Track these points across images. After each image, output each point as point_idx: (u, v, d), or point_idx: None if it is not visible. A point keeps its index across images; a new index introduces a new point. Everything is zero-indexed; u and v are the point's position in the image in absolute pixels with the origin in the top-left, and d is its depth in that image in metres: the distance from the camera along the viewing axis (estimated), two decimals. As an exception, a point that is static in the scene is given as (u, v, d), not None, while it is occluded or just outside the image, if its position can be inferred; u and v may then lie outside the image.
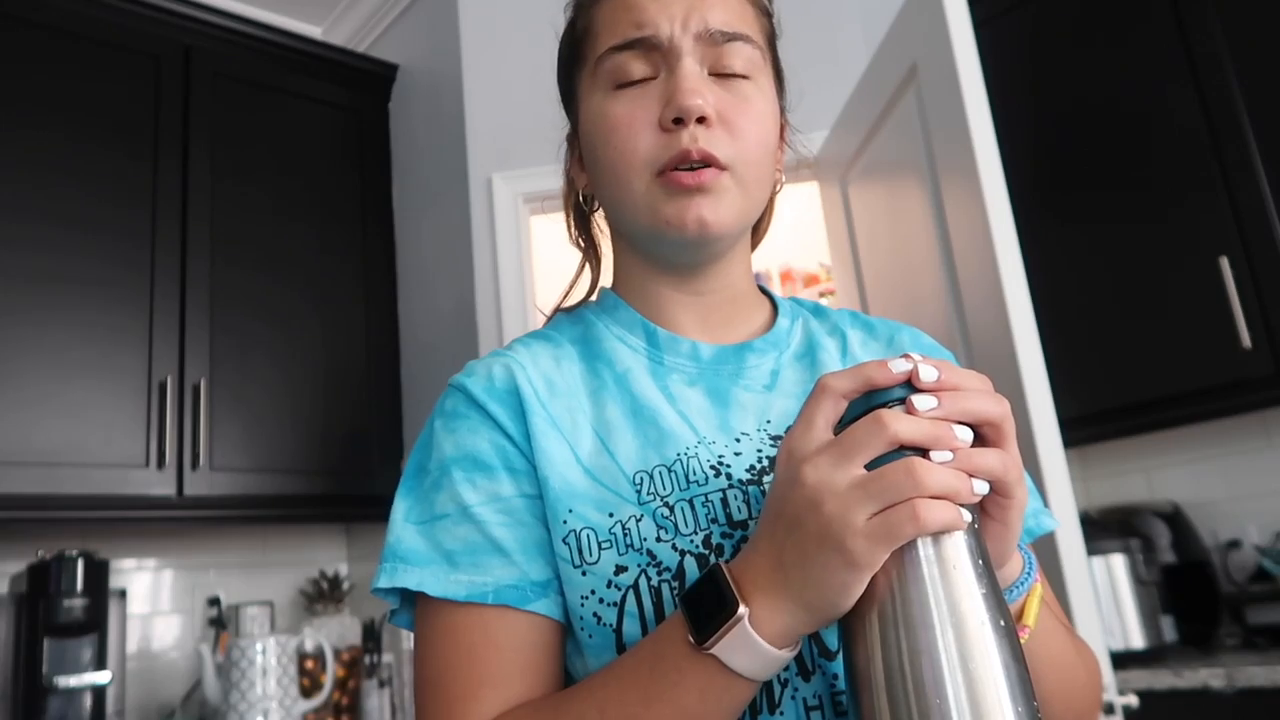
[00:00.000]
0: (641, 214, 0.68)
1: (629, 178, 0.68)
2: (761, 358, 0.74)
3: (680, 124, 0.65)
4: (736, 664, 0.51)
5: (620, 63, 0.68)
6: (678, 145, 0.65)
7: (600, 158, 0.70)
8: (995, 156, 1.66)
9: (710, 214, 0.66)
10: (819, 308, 0.82)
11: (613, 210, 0.73)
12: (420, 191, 2.79)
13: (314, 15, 3.16)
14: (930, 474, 0.47)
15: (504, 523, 0.64)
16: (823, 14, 2.52)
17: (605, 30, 0.70)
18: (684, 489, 0.64)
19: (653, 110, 0.67)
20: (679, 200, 0.66)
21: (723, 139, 0.66)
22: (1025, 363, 1.55)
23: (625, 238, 0.75)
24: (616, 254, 0.78)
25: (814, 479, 0.49)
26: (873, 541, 0.47)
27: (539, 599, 0.63)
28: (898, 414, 0.49)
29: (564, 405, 0.68)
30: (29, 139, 2.22)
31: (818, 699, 0.61)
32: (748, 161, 0.68)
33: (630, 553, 0.62)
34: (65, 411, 2.14)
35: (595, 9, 0.72)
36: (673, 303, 0.74)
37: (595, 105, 0.70)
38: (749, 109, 0.68)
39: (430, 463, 0.68)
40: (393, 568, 0.64)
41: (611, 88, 0.69)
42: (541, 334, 0.76)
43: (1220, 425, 2.35)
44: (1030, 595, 0.60)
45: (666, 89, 0.67)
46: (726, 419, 0.69)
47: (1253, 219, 2.04)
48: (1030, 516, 0.73)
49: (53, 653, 1.99)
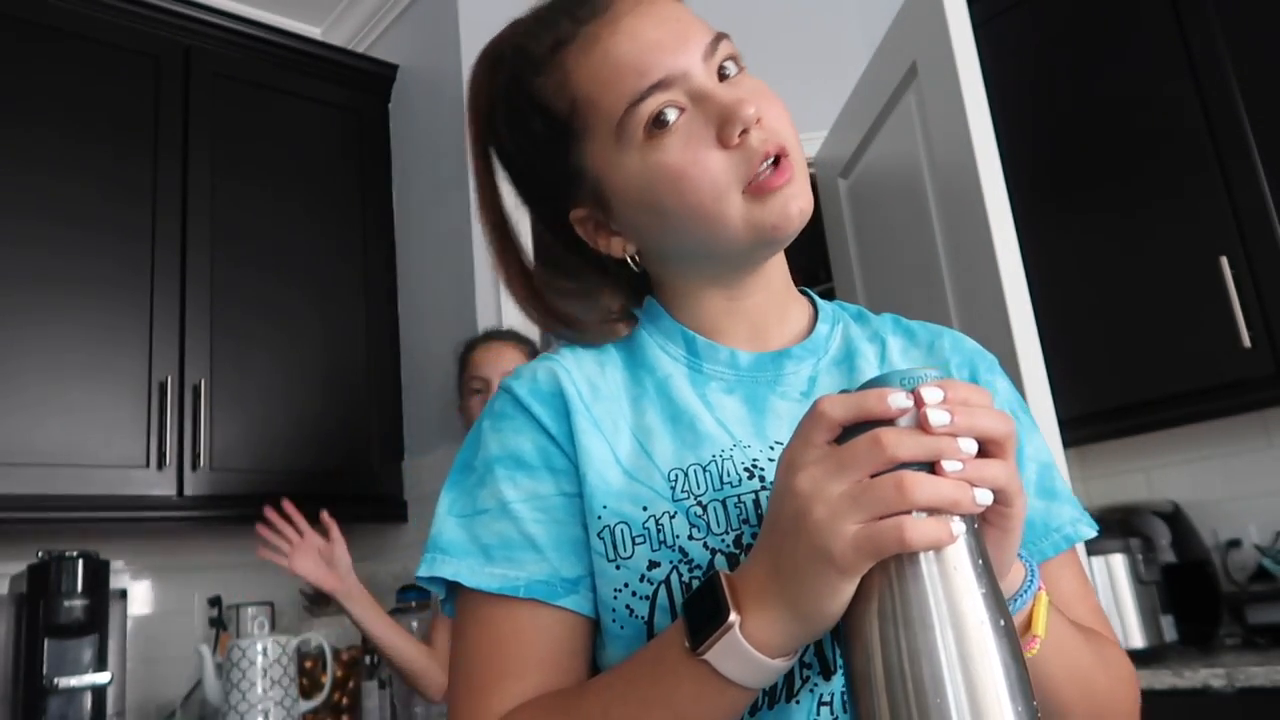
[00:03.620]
0: (741, 231, 0.67)
1: (719, 206, 0.67)
2: (799, 364, 0.74)
3: (745, 134, 0.66)
4: (728, 671, 0.52)
5: (650, 109, 0.67)
6: (754, 153, 0.66)
7: (671, 206, 0.68)
8: (995, 156, 1.66)
9: (804, 200, 0.68)
10: (861, 312, 0.82)
11: (699, 246, 0.70)
12: (420, 191, 2.79)
13: (314, 15, 3.16)
14: (921, 488, 0.48)
15: (540, 520, 0.66)
16: (823, 14, 2.52)
17: (607, 93, 0.68)
18: (718, 489, 0.65)
19: (705, 137, 0.66)
20: (776, 201, 0.67)
21: (772, 130, 0.67)
22: (1025, 363, 1.55)
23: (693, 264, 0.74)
24: (663, 278, 0.77)
25: (807, 488, 0.50)
26: (858, 551, 0.48)
27: (568, 595, 0.65)
28: (899, 434, 0.49)
29: (606, 408, 0.70)
30: (29, 138, 2.22)
31: (831, 696, 0.62)
32: (794, 140, 0.69)
33: (663, 549, 0.64)
34: (65, 412, 2.14)
35: (570, 81, 0.69)
36: (719, 311, 0.75)
37: (638, 163, 0.68)
38: (767, 93, 0.70)
39: (476, 460, 0.71)
40: (433, 558, 0.67)
41: (647, 139, 0.67)
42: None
43: (1220, 425, 2.35)
44: (1036, 604, 0.60)
45: (710, 112, 0.66)
46: (763, 426, 0.70)
47: (1253, 219, 2.04)
48: (1069, 523, 0.74)
49: (53, 653, 1.99)
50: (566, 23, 0.70)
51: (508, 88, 0.74)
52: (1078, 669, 0.64)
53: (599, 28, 0.69)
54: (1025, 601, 0.60)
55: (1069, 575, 0.74)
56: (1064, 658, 0.62)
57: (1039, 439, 0.77)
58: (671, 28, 0.68)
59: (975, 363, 0.79)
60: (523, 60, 0.72)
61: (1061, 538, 0.73)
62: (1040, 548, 0.73)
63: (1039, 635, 0.59)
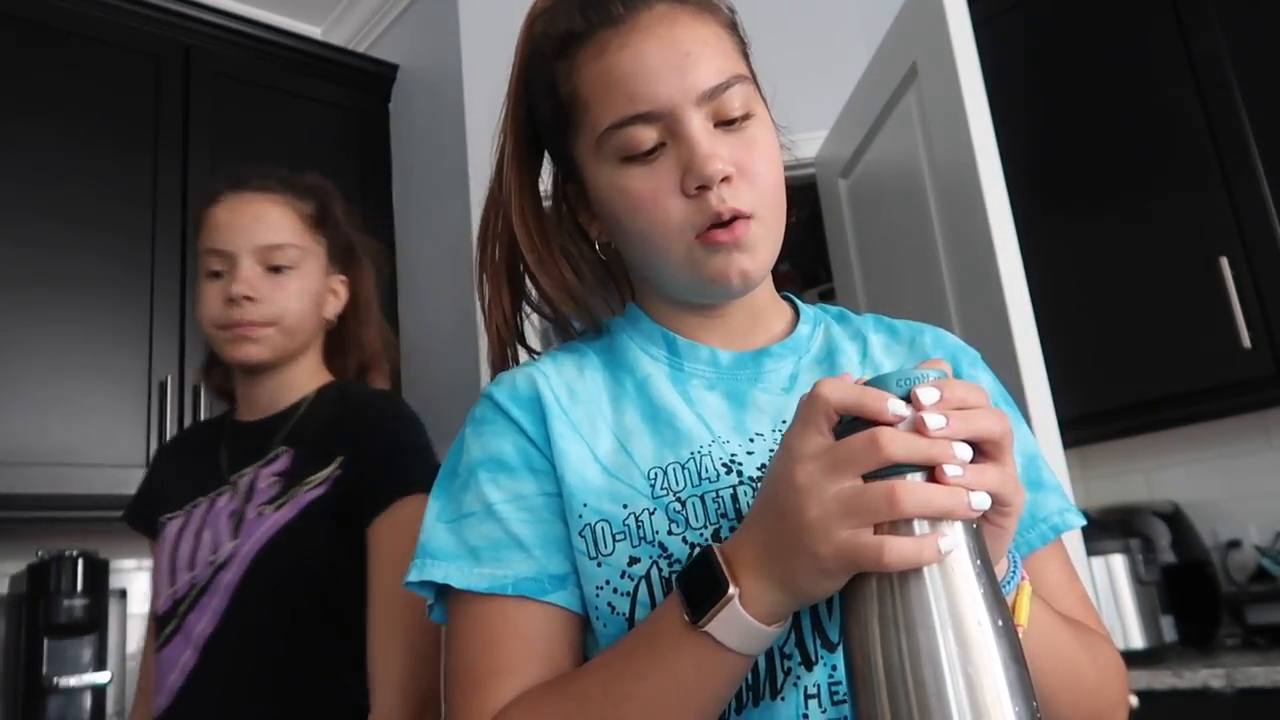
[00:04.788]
0: (683, 273, 0.70)
1: (666, 245, 0.69)
2: (780, 362, 0.75)
3: (703, 189, 0.67)
4: (729, 640, 0.54)
5: (626, 138, 0.68)
6: (709, 209, 0.67)
7: (628, 227, 0.71)
8: (995, 156, 1.66)
9: (750, 264, 0.69)
10: (843, 313, 0.83)
11: (648, 268, 0.74)
12: (420, 191, 2.79)
13: (314, 15, 3.16)
14: (911, 498, 0.48)
15: (524, 519, 0.68)
16: (823, 14, 2.52)
17: (597, 103, 0.69)
18: (696, 485, 0.67)
19: (672, 178, 0.68)
20: (719, 257, 0.68)
21: (745, 191, 0.68)
22: (1025, 363, 1.55)
23: (650, 282, 0.77)
24: (636, 285, 0.80)
25: (805, 482, 0.51)
26: (841, 558, 0.50)
27: (556, 591, 0.66)
28: (896, 434, 0.49)
29: (584, 411, 0.72)
30: (29, 138, 2.22)
31: (816, 688, 0.62)
32: (770, 204, 0.70)
33: (643, 545, 0.65)
34: (65, 412, 2.14)
35: (575, 77, 0.71)
36: (695, 325, 0.76)
37: (608, 178, 0.70)
38: (759, 152, 0.69)
39: (460, 466, 0.72)
40: (422, 563, 0.68)
41: (619, 161, 0.69)
42: (569, 346, 0.79)
43: (1220, 425, 2.35)
44: (1019, 594, 0.61)
45: (681, 156, 0.67)
46: (742, 420, 0.71)
47: (1253, 219, 2.04)
48: (1056, 514, 0.75)
49: (53, 653, 1.99)
50: (585, 19, 0.70)
51: (533, 54, 0.75)
52: (1063, 659, 0.65)
53: (611, 36, 0.69)
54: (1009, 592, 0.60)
55: (1055, 566, 0.75)
56: (1049, 648, 0.63)
57: (1023, 430, 0.77)
58: (677, 59, 0.68)
59: (958, 358, 0.80)
60: (544, 38, 0.74)
61: (1049, 528, 0.74)
62: (1027, 538, 0.73)
63: (1021, 625, 0.60)
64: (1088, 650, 0.68)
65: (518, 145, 0.78)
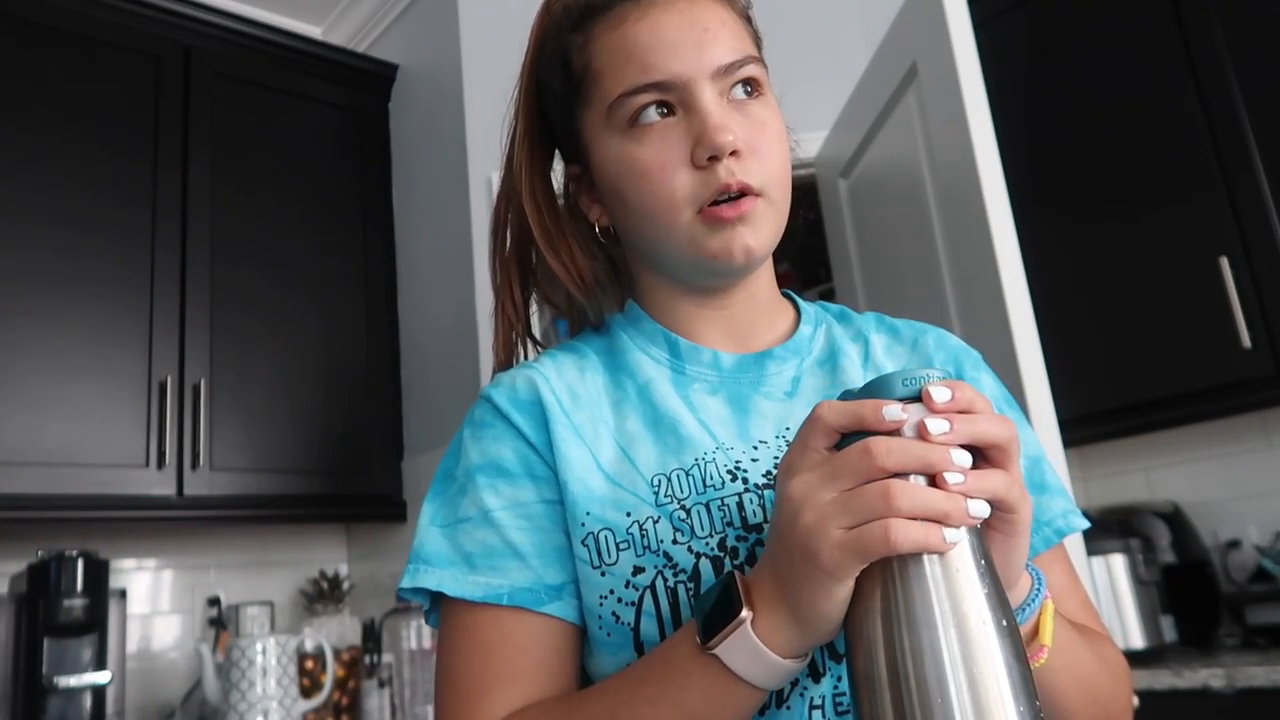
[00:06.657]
0: (685, 249, 0.69)
1: (669, 218, 0.68)
2: (782, 365, 0.74)
3: (714, 160, 0.66)
4: (738, 667, 0.53)
5: (636, 106, 0.68)
6: (716, 181, 0.66)
7: (631, 200, 0.70)
8: (995, 156, 1.66)
9: (753, 241, 0.68)
10: (844, 312, 0.82)
11: (649, 246, 0.73)
12: (420, 191, 2.79)
13: (314, 15, 3.16)
14: (906, 497, 0.48)
15: (522, 527, 0.66)
16: (823, 14, 2.52)
17: (610, 73, 0.69)
18: (701, 493, 0.66)
19: (680, 149, 0.67)
20: (723, 233, 0.68)
21: (754, 166, 0.67)
22: (1025, 363, 1.55)
23: (651, 263, 0.76)
24: (637, 273, 0.79)
25: (799, 493, 0.51)
26: (844, 552, 0.48)
27: (552, 601, 0.65)
28: (889, 444, 0.49)
29: (586, 415, 0.70)
30: (29, 139, 2.22)
31: (822, 699, 0.62)
32: (777, 183, 0.69)
33: (647, 554, 0.64)
34: (65, 412, 2.14)
35: (590, 48, 0.71)
36: (696, 318, 0.75)
37: (615, 149, 0.70)
38: (769, 131, 0.69)
39: (457, 470, 0.71)
40: (415, 569, 0.67)
41: (629, 129, 0.69)
42: (569, 346, 0.78)
43: (1220, 425, 2.35)
44: (1043, 613, 0.60)
45: (693, 127, 0.67)
46: (746, 426, 0.70)
47: (1253, 219, 2.04)
48: (1060, 516, 0.74)
49: (53, 653, 1.99)
50: None
51: (549, 29, 0.75)
52: (1083, 674, 0.64)
53: (632, 9, 0.70)
54: (1032, 611, 0.60)
55: (1059, 569, 0.74)
56: (1070, 665, 0.62)
57: (1028, 432, 0.77)
58: (695, 34, 0.68)
59: (960, 359, 0.79)
60: (564, 11, 0.74)
61: (1052, 531, 0.73)
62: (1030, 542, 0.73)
63: (1046, 645, 0.59)
64: (1101, 660, 0.68)
65: (529, 125, 0.78)
